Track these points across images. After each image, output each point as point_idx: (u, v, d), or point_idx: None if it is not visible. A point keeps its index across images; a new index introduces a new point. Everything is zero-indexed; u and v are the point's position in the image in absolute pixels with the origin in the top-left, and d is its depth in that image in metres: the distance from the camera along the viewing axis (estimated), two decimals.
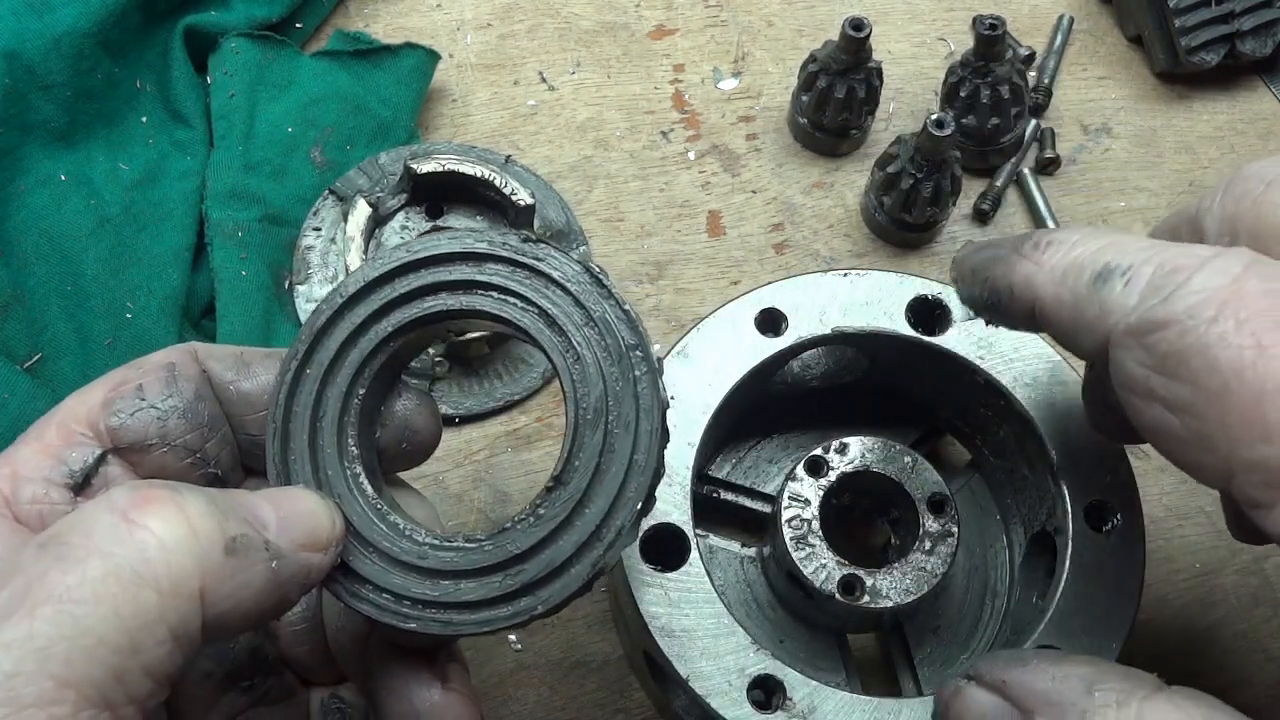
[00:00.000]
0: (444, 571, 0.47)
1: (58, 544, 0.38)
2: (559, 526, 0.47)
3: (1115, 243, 0.47)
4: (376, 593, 0.48)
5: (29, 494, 0.46)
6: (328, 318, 0.50)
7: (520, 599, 0.47)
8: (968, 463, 0.72)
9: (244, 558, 0.41)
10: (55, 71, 0.75)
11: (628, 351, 0.49)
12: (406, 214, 0.81)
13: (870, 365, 0.69)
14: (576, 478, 0.48)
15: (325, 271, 0.79)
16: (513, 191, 0.79)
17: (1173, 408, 0.42)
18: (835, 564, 0.61)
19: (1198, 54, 0.89)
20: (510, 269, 0.50)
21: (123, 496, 0.40)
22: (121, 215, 0.76)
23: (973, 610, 0.68)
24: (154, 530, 0.38)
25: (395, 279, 0.50)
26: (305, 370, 0.50)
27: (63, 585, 0.36)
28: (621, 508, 0.48)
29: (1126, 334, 0.44)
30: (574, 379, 0.49)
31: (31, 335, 0.71)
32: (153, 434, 0.48)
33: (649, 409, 0.48)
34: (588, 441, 0.48)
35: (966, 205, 0.86)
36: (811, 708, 0.55)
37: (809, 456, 0.64)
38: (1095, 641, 0.57)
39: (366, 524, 0.48)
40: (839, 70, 0.82)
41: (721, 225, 0.84)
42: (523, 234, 0.50)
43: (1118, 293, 0.44)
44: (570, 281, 0.50)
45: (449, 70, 0.88)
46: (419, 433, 0.53)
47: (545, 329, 0.50)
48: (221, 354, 0.52)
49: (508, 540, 0.47)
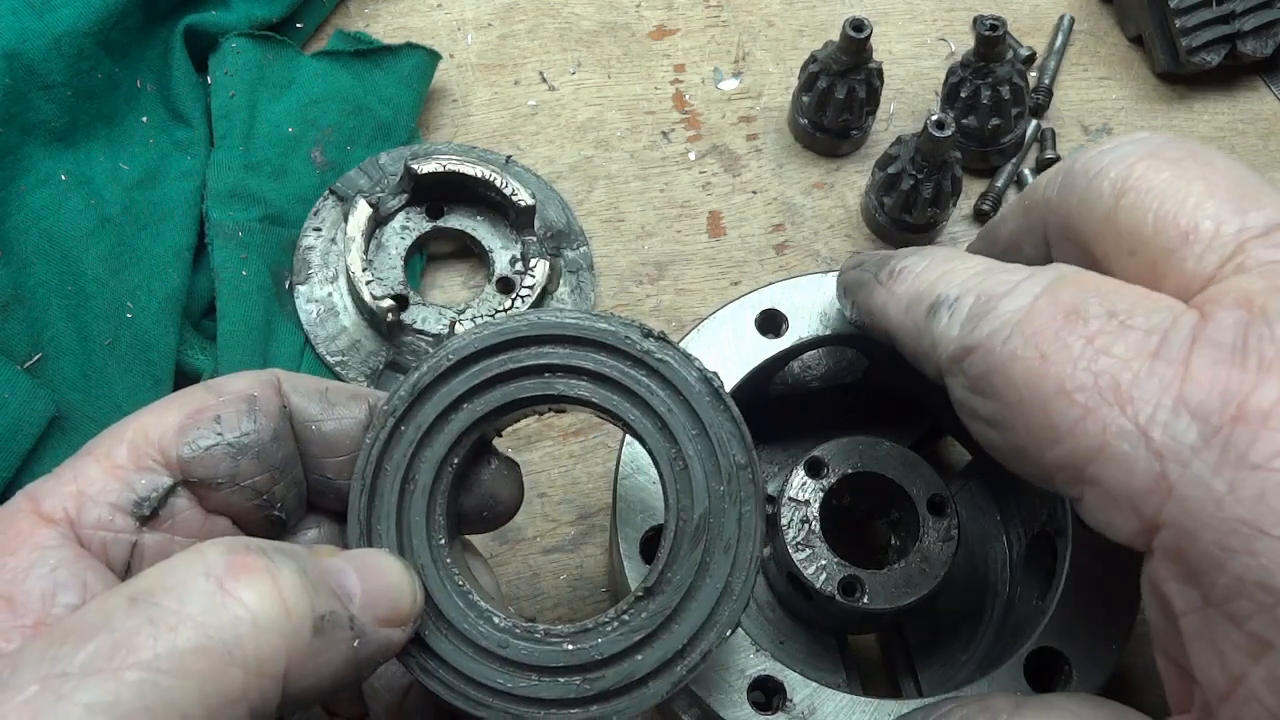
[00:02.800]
0: (522, 665, 0.47)
1: (149, 603, 0.37)
2: (644, 640, 0.47)
3: (948, 273, 0.50)
4: (450, 673, 0.47)
5: (94, 517, 0.44)
6: (432, 380, 0.49)
7: (594, 704, 0.46)
8: (968, 464, 0.72)
9: (329, 637, 0.40)
10: (56, 71, 0.75)
11: (737, 471, 0.48)
12: (407, 214, 0.81)
13: (870, 366, 0.69)
14: (669, 592, 0.47)
15: (325, 271, 0.79)
16: (513, 192, 0.79)
17: (990, 424, 0.46)
18: (835, 565, 0.61)
19: (1198, 54, 0.89)
20: (628, 364, 0.49)
21: (218, 561, 0.39)
22: (122, 215, 0.76)
23: (973, 610, 0.68)
24: (248, 604, 0.38)
25: (507, 350, 0.49)
26: (400, 428, 0.49)
27: (152, 652, 0.35)
28: (709, 631, 0.47)
29: (950, 361, 0.48)
30: (679, 489, 0.48)
31: (31, 335, 0.71)
32: (223, 472, 0.47)
33: (750, 534, 0.48)
34: (685, 557, 0.47)
35: (967, 206, 0.86)
36: (811, 709, 0.55)
37: (809, 457, 0.64)
38: (1095, 642, 0.57)
39: (447, 601, 0.48)
40: (840, 71, 0.82)
41: (722, 226, 0.84)
42: (645, 328, 0.49)
43: (944, 324, 0.48)
44: (687, 388, 0.49)
45: (449, 70, 0.88)
46: (503, 502, 0.53)
47: (656, 433, 0.49)
48: (306, 388, 0.50)
49: (589, 642, 0.47)
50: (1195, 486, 0.38)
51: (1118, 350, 0.41)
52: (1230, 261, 0.42)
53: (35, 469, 0.68)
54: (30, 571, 0.42)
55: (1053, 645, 0.56)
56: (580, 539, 0.73)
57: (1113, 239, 0.47)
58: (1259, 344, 0.39)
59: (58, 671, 0.35)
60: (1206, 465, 0.38)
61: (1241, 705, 0.38)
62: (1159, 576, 0.41)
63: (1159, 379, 0.40)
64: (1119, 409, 0.40)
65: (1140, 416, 0.40)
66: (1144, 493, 0.40)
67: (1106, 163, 0.48)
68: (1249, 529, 0.37)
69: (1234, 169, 0.46)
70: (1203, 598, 0.39)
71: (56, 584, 0.42)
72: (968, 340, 0.46)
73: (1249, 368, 0.39)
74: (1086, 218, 0.48)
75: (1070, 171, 0.50)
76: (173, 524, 0.46)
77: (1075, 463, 0.42)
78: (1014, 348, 0.44)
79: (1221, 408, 0.38)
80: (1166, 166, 0.46)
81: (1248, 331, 0.39)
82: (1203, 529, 0.38)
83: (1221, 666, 0.39)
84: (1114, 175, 0.47)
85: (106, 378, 0.71)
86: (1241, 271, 0.42)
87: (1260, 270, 0.41)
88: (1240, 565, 0.37)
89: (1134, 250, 0.45)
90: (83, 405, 0.71)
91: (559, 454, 0.76)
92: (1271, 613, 0.37)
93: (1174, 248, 0.44)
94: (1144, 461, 0.40)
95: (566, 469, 0.75)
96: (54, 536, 0.43)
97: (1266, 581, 0.37)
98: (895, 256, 0.54)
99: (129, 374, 0.72)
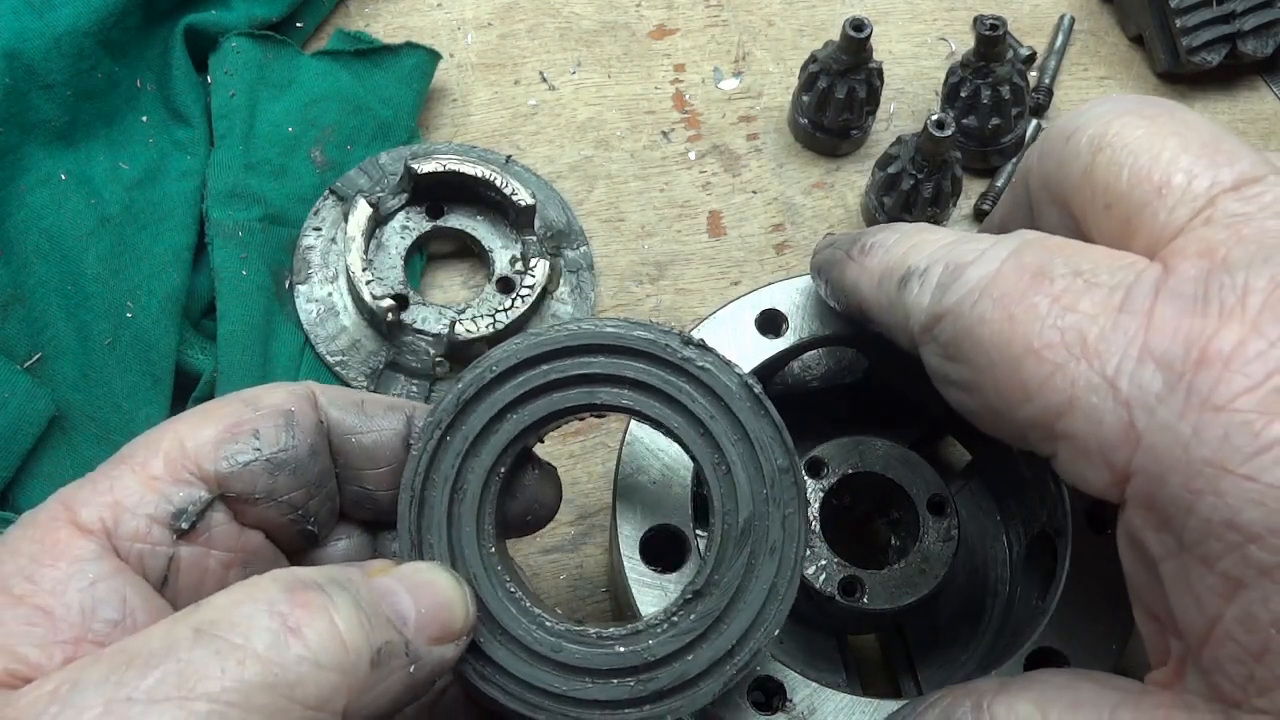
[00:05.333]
0: (576, 668, 0.48)
1: (215, 636, 0.37)
2: (695, 640, 0.48)
3: (918, 245, 0.50)
4: (506, 678, 0.48)
5: (131, 529, 0.44)
6: (476, 391, 0.49)
7: (648, 704, 0.48)
8: (968, 464, 0.72)
9: (386, 667, 0.41)
10: (55, 71, 0.75)
11: (779, 475, 0.49)
12: (407, 214, 0.81)
13: (870, 366, 0.69)
14: (717, 595, 0.49)
15: (325, 271, 0.79)
16: (513, 192, 0.79)
17: (963, 388, 0.47)
18: (835, 565, 0.61)
19: (1199, 54, 0.89)
20: (669, 371, 0.50)
21: (280, 598, 0.39)
22: (122, 214, 0.76)
23: (973, 610, 0.68)
24: (309, 643, 0.38)
25: (549, 360, 0.50)
26: (446, 439, 0.49)
27: (219, 685, 0.36)
28: (758, 630, 0.48)
29: (922, 331, 0.48)
30: (723, 494, 0.50)
31: (31, 335, 0.71)
32: (261, 488, 0.47)
33: (794, 535, 0.49)
34: (732, 560, 0.49)
35: (967, 206, 0.86)
36: (811, 709, 0.55)
37: (809, 457, 0.64)
38: (1095, 642, 0.57)
39: (500, 607, 0.48)
40: (840, 70, 0.82)
41: (722, 225, 0.84)
42: (684, 335, 0.50)
43: (914, 294, 0.49)
44: (727, 394, 0.50)
45: (449, 70, 0.88)
46: (546, 505, 0.54)
47: (699, 439, 0.50)
48: (343, 401, 0.50)
49: (641, 644, 0.48)
50: (1162, 432, 0.39)
51: (1083, 307, 0.42)
52: (1200, 214, 0.43)
53: (35, 469, 0.68)
54: (69, 584, 0.42)
55: (1053, 645, 0.56)
56: (580, 539, 0.73)
57: (1089, 194, 0.47)
58: (1220, 292, 0.39)
59: (123, 696, 0.36)
60: (1172, 411, 0.39)
61: (1218, 646, 0.39)
62: (1134, 525, 0.41)
63: (1124, 331, 0.40)
64: (1086, 363, 0.41)
65: (1107, 368, 0.40)
66: (1114, 443, 0.40)
67: (1083, 121, 0.48)
68: (1214, 469, 0.37)
69: (1209, 127, 0.46)
70: (1177, 542, 0.39)
71: (96, 599, 0.42)
72: (938, 308, 0.47)
73: (1210, 315, 0.39)
74: (1065, 176, 0.49)
75: (1049, 135, 0.51)
76: (209, 537, 0.46)
77: (1047, 419, 0.42)
78: (982, 311, 0.44)
79: (1185, 354, 0.39)
80: (1142, 123, 0.46)
81: (1209, 280, 0.40)
82: (1171, 473, 0.39)
83: (1198, 610, 0.39)
84: (1091, 132, 0.48)
85: (106, 377, 0.71)
86: (1208, 224, 0.42)
87: (1226, 222, 0.42)
88: (1208, 506, 0.38)
89: (1109, 204, 0.46)
90: (83, 405, 0.71)
91: (559, 454, 0.76)
92: (1241, 551, 0.37)
93: (1147, 201, 0.44)
94: (1112, 412, 0.40)
95: (566, 469, 0.75)
96: (92, 549, 0.43)
97: (1233, 520, 0.37)
98: (866, 233, 0.55)
99: (129, 374, 0.72)
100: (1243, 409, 0.37)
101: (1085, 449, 0.41)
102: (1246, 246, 0.40)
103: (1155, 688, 0.43)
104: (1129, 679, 0.44)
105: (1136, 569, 0.43)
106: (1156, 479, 0.39)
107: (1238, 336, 0.38)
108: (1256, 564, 0.37)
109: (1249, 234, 0.41)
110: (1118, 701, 0.42)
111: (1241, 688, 0.38)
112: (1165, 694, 0.42)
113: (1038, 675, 0.47)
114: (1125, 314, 0.41)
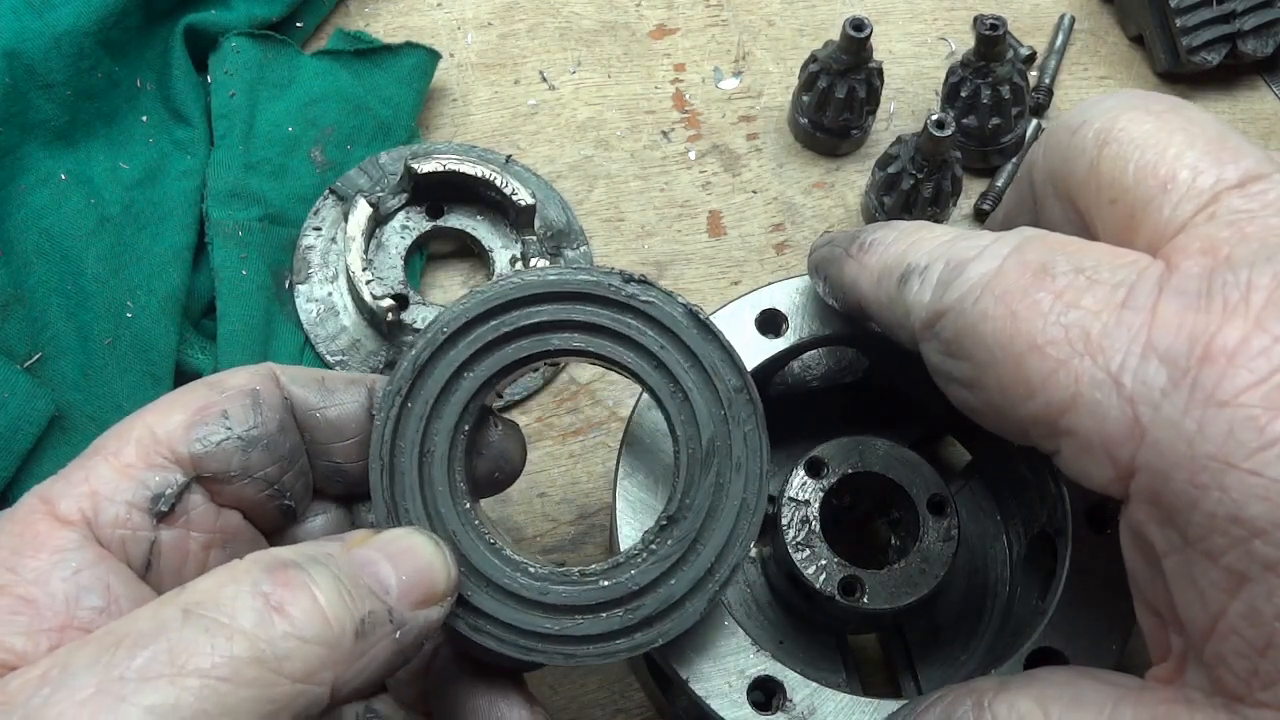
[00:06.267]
0: (564, 607, 0.49)
1: (202, 616, 0.38)
2: (675, 564, 0.49)
3: (917, 242, 0.50)
4: (498, 626, 0.49)
5: (112, 516, 0.45)
6: (430, 354, 0.50)
7: (638, 632, 0.49)
8: (968, 464, 0.72)
9: (371, 636, 0.42)
10: (55, 71, 0.75)
11: (735, 394, 0.51)
12: (407, 214, 0.81)
13: (870, 366, 0.69)
14: (690, 517, 0.50)
15: (325, 271, 0.79)
16: (513, 191, 0.79)
17: (965, 385, 0.47)
18: (835, 565, 0.61)
19: (1199, 54, 0.89)
20: (614, 310, 0.51)
21: (263, 578, 0.40)
22: (122, 214, 0.76)
23: (973, 610, 0.68)
24: (293, 619, 0.39)
25: (497, 315, 0.51)
26: (408, 405, 0.50)
27: (210, 661, 0.37)
28: (734, 545, 0.50)
29: (923, 328, 0.48)
30: (683, 420, 0.51)
31: (31, 334, 0.71)
32: (236, 466, 0.48)
33: (756, 450, 0.51)
34: (700, 482, 0.50)
35: (967, 205, 0.86)
36: (811, 709, 0.55)
37: (809, 457, 0.64)
38: (1095, 642, 0.57)
39: (484, 560, 0.49)
40: (840, 70, 0.82)
41: (722, 225, 0.84)
42: (625, 274, 0.51)
43: (915, 292, 0.49)
44: (675, 324, 0.51)
45: (449, 70, 0.88)
46: (512, 461, 0.54)
47: (653, 371, 0.51)
48: (304, 379, 0.51)
49: (623, 575, 0.49)
50: (1166, 428, 0.39)
51: (1086, 303, 0.42)
52: (1204, 211, 0.43)
53: (35, 469, 0.68)
54: (52, 574, 0.43)
55: (1053, 645, 0.56)
56: (580, 539, 0.73)
57: (1095, 189, 0.47)
58: (1223, 289, 0.40)
59: (114, 675, 0.36)
60: (1176, 406, 0.39)
61: (1222, 641, 0.39)
62: (1138, 520, 0.41)
63: (1127, 327, 0.41)
64: (1090, 359, 0.41)
65: (1111, 364, 0.40)
66: (1118, 439, 0.40)
67: (1090, 115, 0.49)
68: (1218, 464, 0.37)
69: (1215, 124, 0.46)
70: (1181, 538, 0.39)
71: (80, 587, 0.43)
72: (939, 305, 0.47)
73: (1214, 311, 0.39)
74: (1070, 170, 0.49)
75: (1054, 129, 0.51)
76: (188, 519, 0.47)
77: (1050, 415, 0.42)
78: (985, 307, 0.44)
79: (1189, 350, 0.39)
80: (1149, 118, 0.47)
81: (1212, 277, 0.40)
82: (1175, 469, 0.39)
83: (1202, 605, 0.39)
84: (1098, 126, 0.48)
85: (106, 377, 0.71)
86: (1212, 220, 0.42)
87: (1229, 219, 0.42)
88: (1212, 501, 0.38)
89: (1114, 199, 0.46)
90: (83, 405, 0.71)
91: (559, 454, 0.76)
92: (1245, 546, 0.37)
93: (1152, 196, 0.44)
94: (1116, 408, 0.40)
95: (566, 469, 0.75)
96: (74, 539, 0.44)
97: (1238, 515, 0.37)
98: (865, 231, 0.55)
99: (129, 373, 0.72)
100: (1247, 404, 0.37)
101: (1089, 445, 0.41)
102: (1250, 244, 0.40)
103: (1156, 683, 0.43)
104: (1129, 675, 0.44)
105: (1139, 564, 0.43)
106: (1161, 474, 0.39)
107: (1241, 332, 0.38)
108: (1261, 558, 0.37)
109: (1253, 231, 0.41)
110: (1118, 697, 0.42)
111: (1245, 682, 0.38)
112: (1166, 689, 0.42)
113: (1038, 673, 0.47)
114: (1128, 310, 0.41)
